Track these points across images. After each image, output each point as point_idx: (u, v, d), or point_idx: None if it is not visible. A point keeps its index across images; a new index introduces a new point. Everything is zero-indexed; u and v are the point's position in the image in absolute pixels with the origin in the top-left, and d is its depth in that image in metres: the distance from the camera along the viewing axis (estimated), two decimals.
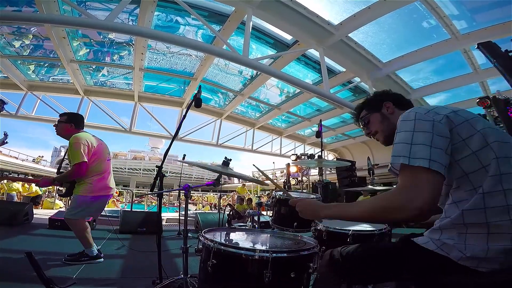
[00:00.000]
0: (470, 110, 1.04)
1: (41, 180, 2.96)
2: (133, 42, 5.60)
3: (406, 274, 1.03)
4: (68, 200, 10.49)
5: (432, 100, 6.91)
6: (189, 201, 2.03)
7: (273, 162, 25.78)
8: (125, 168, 34.47)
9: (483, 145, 0.90)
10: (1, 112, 4.23)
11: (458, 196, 0.94)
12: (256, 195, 14.96)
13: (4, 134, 4.32)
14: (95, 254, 2.91)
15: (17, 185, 9.76)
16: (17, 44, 5.76)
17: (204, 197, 20.85)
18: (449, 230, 0.93)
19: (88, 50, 6.00)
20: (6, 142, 4.37)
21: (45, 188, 11.05)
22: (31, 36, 5.56)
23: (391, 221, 1.06)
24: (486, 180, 0.87)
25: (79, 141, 2.78)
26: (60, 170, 3.15)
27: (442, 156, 0.87)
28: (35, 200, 9.50)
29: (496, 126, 1.04)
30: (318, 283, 1.25)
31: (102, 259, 2.96)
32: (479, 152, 0.90)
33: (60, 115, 3.08)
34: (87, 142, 2.84)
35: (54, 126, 3.02)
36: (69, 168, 2.85)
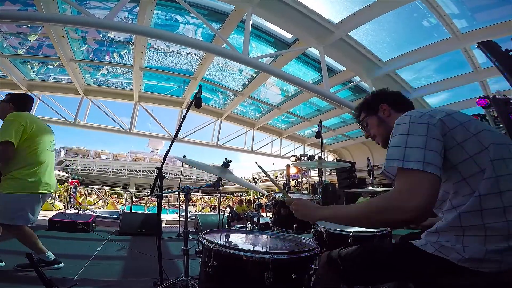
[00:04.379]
0: (470, 110, 1.04)
1: None
2: (133, 41, 5.59)
3: (405, 276, 1.03)
4: (68, 200, 10.53)
5: (433, 99, 6.90)
6: (189, 202, 2.02)
7: (273, 163, 25.86)
8: (125, 170, 34.44)
9: (480, 149, 0.91)
10: None
11: (457, 202, 0.94)
12: (256, 197, 14.95)
13: None
14: (52, 259, 2.62)
15: None
16: (16, 43, 5.75)
17: (204, 199, 20.85)
18: (447, 233, 0.93)
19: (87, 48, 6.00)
20: None
21: None
22: (31, 35, 5.55)
23: (386, 224, 1.07)
24: (481, 182, 0.87)
25: (15, 119, 2.41)
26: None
27: (437, 158, 0.87)
28: None
29: (491, 126, 1.04)
30: (317, 285, 1.25)
31: (62, 264, 2.68)
32: (477, 156, 0.90)
33: (5, 96, 2.74)
34: (26, 123, 2.43)
35: None
36: None
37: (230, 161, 1.86)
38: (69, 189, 11.17)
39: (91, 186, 16.14)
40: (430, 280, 0.94)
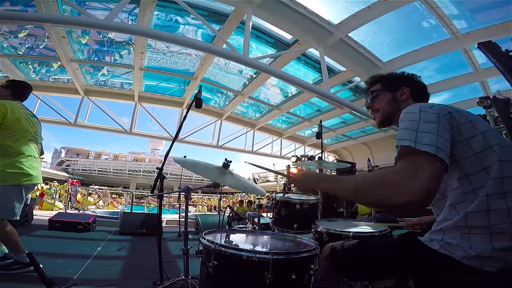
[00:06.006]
0: (470, 110, 1.04)
1: None
2: (133, 42, 5.59)
3: (406, 272, 1.02)
4: (69, 200, 10.54)
5: (434, 100, 6.80)
6: (189, 202, 2.03)
7: (273, 164, 25.88)
8: (125, 170, 34.47)
9: (486, 147, 0.91)
10: None
11: (456, 198, 0.94)
12: (256, 197, 14.95)
13: None
14: (28, 261, 2.37)
15: None
16: (16, 43, 5.76)
17: (204, 199, 20.86)
18: (452, 231, 0.93)
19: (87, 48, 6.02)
20: None
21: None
22: (31, 35, 5.56)
23: (381, 203, 0.98)
24: (488, 182, 0.87)
25: None
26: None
27: (447, 146, 0.86)
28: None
29: (495, 128, 1.05)
30: (318, 279, 1.24)
31: (41, 266, 2.52)
32: (481, 154, 0.90)
33: (6, 81, 2.75)
34: (7, 111, 2.37)
35: None
36: None
37: (230, 161, 1.85)
38: (70, 189, 11.19)
39: (91, 186, 16.16)
40: (432, 277, 0.94)
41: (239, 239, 1.54)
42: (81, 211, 8.67)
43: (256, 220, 2.41)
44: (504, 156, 0.89)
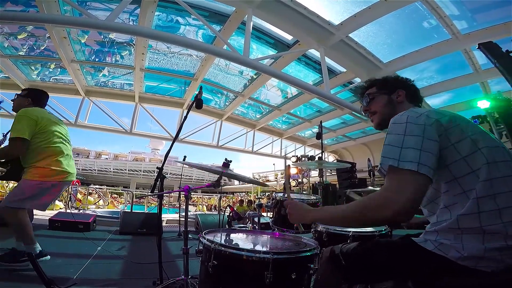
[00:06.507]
0: (471, 111, 1.05)
1: None
2: (134, 42, 5.61)
3: (404, 274, 1.03)
4: (69, 200, 10.52)
5: (435, 100, 6.88)
6: (189, 202, 2.03)
7: (274, 164, 25.91)
8: (126, 170, 34.51)
9: (473, 150, 0.92)
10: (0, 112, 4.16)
11: (448, 200, 0.96)
12: (256, 197, 14.98)
13: (3, 134, 4.29)
14: (38, 252, 2.51)
15: None
16: (18, 44, 5.77)
17: (204, 198, 20.84)
18: (445, 232, 0.94)
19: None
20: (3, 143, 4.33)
21: None
22: (32, 36, 5.57)
23: (374, 222, 1.07)
24: (478, 185, 0.89)
25: (26, 114, 2.47)
26: None
27: (431, 159, 0.89)
28: None
29: (485, 130, 1.06)
30: (318, 281, 1.25)
31: (48, 257, 2.62)
32: (469, 157, 0.92)
33: (22, 90, 2.83)
34: (37, 117, 2.49)
35: (12, 101, 2.80)
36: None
37: (230, 161, 1.87)
38: (70, 188, 11.16)
39: (91, 186, 16.15)
40: (429, 278, 0.94)
41: (239, 239, 1.54)
42: (81, 211, 8.65)
43: (256, 219, 2.41)
44: (492, 158, 0.91)
